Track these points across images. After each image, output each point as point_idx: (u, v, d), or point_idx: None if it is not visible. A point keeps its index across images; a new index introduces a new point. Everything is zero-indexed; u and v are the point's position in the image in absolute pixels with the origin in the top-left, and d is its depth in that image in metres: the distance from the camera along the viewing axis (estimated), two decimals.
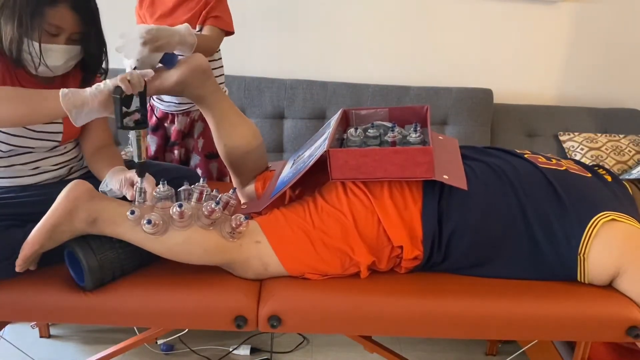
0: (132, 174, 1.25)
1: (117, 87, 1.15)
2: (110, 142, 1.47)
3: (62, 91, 1.13)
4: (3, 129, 1.26)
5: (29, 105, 1.12)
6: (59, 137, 1.35)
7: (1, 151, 1.29)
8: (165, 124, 1.89)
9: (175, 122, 1.87)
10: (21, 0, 1.18)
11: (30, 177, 1.35)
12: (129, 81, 1.15)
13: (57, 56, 1.24)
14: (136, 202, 1.21)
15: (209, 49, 1.60)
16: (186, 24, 1.48)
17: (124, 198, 1.25)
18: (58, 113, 1.13)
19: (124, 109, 1.16)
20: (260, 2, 2.47)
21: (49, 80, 1.31)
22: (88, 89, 1.15)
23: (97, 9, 1.30)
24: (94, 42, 1.31)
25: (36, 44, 1.20)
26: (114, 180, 1.28)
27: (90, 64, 1.35)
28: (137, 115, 1.20)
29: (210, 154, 1.90)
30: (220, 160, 1.91)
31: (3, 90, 1.12)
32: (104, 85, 1.15)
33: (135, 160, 1.21)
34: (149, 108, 1.85)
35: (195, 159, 1.92)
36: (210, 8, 1.69)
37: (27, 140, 1.30)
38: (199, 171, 1.90)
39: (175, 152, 1.90)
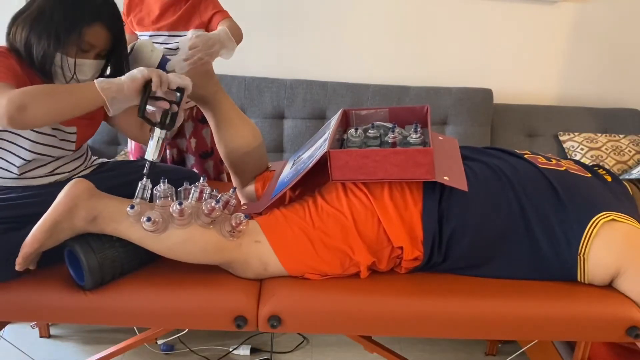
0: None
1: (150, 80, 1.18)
2: None
3: (97, 81, 1.15)
4: (30, 137, 1.27)
5: (67, 98, 1.14)
6: (73, 147, 1.37)
7: (25, 160, 1.30)
8: None
9: None
10: (58, 17, 1.21)
11: (41, 179, 1.35)
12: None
13: (87, 70, 1.28)
14: (138, 199, 1.21)
15: (241, 38, 1.66)
16: (223, 28, 1.50)
17: (120, 194, 1.25)
18: (96, 102, 1.15)
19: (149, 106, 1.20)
20: (261, 2, 2.47)
21: None
22: (122, 78, 1.17)
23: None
24: (121, 56, 1.34)
25: (71, 60, 1.24)
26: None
27: (113, 75, 1.35)
28: (166, 104, 1.21)
29: (205, 153, 1.90)
30: (215, 159, 1.91)
31: (41, 87, 1.13)
32: (140, 72, 1.17)
33: (149, 158, 1.23)
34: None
35: (190, 160, 1.92)
36: (205, 7, 1.71)
37: (48, 148, 1.31)
38: (194, 171, 1.90)
39: (167, 152, 1.90)
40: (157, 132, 1.23)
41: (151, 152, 1.23)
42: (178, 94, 1.24)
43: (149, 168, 1.23)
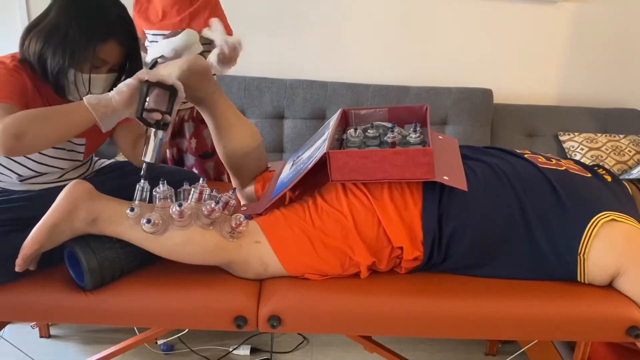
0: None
1: (146, 80, 1.17)
2: (142, 131, 1.46)
3: (87, 99, 1.14)
4: (38, 154, 1.27)
5: (62, 121, 1.12)
6: (81, 157, 1.38)
7: (38, 172, 1.30)
8: None
9: None
10: (73, 34, 1.20)
11: (46, 184, 1.35)
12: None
13: (99, 85, 1.27)
14: (137, 201, 1.21)
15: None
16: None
17: (119, 195, 1.25)
18: (88, 122, 1.14)
19: (147, 105, 1.19)
20: (261, 2, 2.47)
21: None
22: (110, 93, 1.17)
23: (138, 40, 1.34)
24: (135, 70, 1.32)
25: (85, 76, 1.24)
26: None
27: None
28: (159, 116, 1.21)
29: (205, 154, 1.90)
30: (215, 160, 1.92)
31: (33, 112, 1.11)
32: (125, 86, 1.16)
33: (146, 159, 1.22)
34: None
35: (189, 160, 1.92)
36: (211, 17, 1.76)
37: (56, 160, 1.32)
38: (195, 172, 1.90)
39: (167, 151, 1.90)
40: (153, 133, 1.22)
41: (148, 154, 1.22)
42: (169, 97, 1.23)
43: (146, 169, 1.22)
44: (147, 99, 1.19)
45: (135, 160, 1.42)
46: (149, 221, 1.14)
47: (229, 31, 1.80)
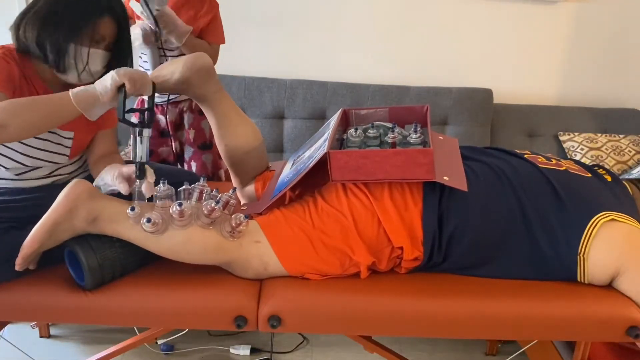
0: (127, 168, 1.25)
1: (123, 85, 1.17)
2: (115, 150, 1.49)
3: (72, 92, 1.15)
4: (23, 145, 1.28)
5: (44, 111, 1.14)
6: (68, 152, 1.38)
7: (25, 165, 1.30)
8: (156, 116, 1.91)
9: (167, 114, 1.89)
10: (72, 11, 1.23)
11: (39, 180, 1.35)
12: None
13: (99, 62, 1.29)
14: (136, 201, 1.21)
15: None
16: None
17: (119, 195, 1.25)
18: (73, 113, 1.15)
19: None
20: (261, 2, 2.47)
21: (63, 89, 1.30)
22: (96, 85, 1.17)
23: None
24: (125, 50, 1.36)
25: (85, 49, 1.25)
26: (109, 175, 1.29)
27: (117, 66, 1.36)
28: (144, 113, 1.21)
29: (203, 145, 1.91)
30: (214, 152, 1.93)
31: (17, 102, 1.12)
32: (111, 79, 1.16)
33: (137, 159, 1.22)
34: (139, 100, 1.88)
35: (189, 151, 1.93)
36: (206, 28, 1.80)
37: (44, 153, 1.32)
38: (193, 164, 1.91)
39: (172, 145, 1.91)
40: (138, 132, 1.22)
41: (138, 153, 1.22)
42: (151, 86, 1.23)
43: (139, 169, 1.22)
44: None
45: (93, 168, 1.42)
46: (149, 220, 1.14)
47: (221, 40, 1.85)
